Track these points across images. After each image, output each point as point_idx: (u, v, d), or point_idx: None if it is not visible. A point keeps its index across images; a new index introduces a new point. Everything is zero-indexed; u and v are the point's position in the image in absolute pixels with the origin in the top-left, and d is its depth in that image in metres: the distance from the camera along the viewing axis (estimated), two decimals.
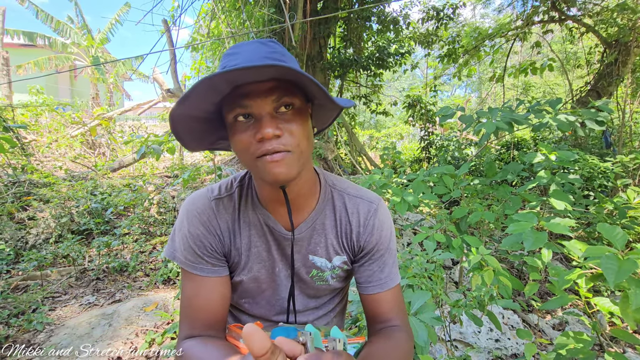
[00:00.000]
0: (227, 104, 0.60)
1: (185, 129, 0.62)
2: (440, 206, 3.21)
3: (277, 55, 0.62)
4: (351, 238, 0.78)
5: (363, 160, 7.15)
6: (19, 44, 12.58)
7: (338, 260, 0.79)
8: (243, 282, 0.77)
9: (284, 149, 0.59)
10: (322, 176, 0.79)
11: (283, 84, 0.59)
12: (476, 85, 18.03)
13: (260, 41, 0.64)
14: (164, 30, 5.17)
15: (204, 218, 0.72)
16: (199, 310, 0.70)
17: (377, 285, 0.77)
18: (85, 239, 3.82)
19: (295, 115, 0.61)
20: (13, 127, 3.93)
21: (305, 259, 0.77)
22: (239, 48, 0.62)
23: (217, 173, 3.35)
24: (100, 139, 7.70)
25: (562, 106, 4.68)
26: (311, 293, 0.82)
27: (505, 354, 2.02)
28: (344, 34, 6.62)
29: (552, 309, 2.56)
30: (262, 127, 0.57)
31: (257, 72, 0.52)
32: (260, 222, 0.75)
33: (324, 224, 0.77)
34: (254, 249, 0.75)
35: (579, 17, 5.57)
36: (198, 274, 0.71)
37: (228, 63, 0.60)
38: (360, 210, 0.77)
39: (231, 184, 0.77)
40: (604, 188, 3.84)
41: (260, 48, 0.62)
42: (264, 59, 0.60)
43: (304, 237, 0.76)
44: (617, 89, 5.34)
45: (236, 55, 0.61)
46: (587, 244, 1.17)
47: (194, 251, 0.71)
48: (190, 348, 0.67)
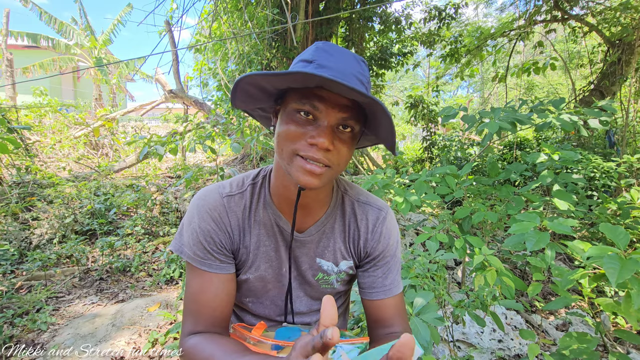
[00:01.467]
0: (299, 95, 0.61)
1: (246, 89, 0.64)
2: (442, 206, 3.21)
3: (365, 79, 0.64)
4: (358, 244, 0.79)
5: (365, 160, 7.14)
6: (23, 45, 12.66)
7: (344, 265, 0.79)
8: (249, 280, 0.77)
9: (327, 164, 0.60)
10: (336, 181, 0.80)
11: (357, 107, 0.61)
12: (478, 85, 17.98)
13: (354, 56, 0.64)
14: (167, 30, 5.19)
15: (215, 214, 0.72)
16: (204, 306, 0.70)
17: (381, 292, 0.78)
18: (89, 239, 3.84)
19: (350, 139, 0.63)
20: (17, 129, 3.96)
21: (313, 261, 0.78)
22: (334, 50, 0.63)
23: (220, 173, 3.36)
24: (103, 139, 7.74)
25: (565, 106, 4.66)
26: (315, 295, 0.82)
27: (509, 355, 2.01)
28: (346, 35, 6.63)
29: (556, 310, 2.55)
30: (321, 135, 0.58)
31: (355, 94, 0.54)
32: (271, 221, 0.75)
33: (333, 228, 0.78)
34: (263, 247, 0.75)
35: (582, 16, 5.54)
36: (205, 270, 0.71)
37: (323, 61, 0.60)
38: (369, 217, 0.78)
39: (243, 182, 0.77)
40: (608, 188, 3.82)
41: (354, 64, 0.63)
42: (354, 78, 0.61)
43: (313, 239, 0.77)
44: (621, 89, 5.31)
45: (331, 57, 0.61)
46: (590, 244, 1.17)
47: (204, 247, 0.71)
48: (196, 344, 0.66)
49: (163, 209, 4.39)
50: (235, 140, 3.01)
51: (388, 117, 0.56)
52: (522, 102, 2.15)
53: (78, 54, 12.54)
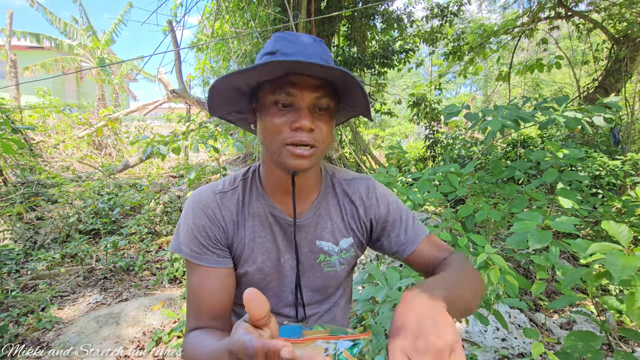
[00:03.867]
0: (272, 87, 0.64)
1: (222, 92, 0.67)
2: (445, 205, 3.20)
3: (328, 58, 0.68)
4: (359, 217, 0.82)
5: (367, 159, 7.12)
6: (27, 46, 12.73)
7: (345, 243, 0.82)
8: (248, 273, 0.78)
9: (313, 143, 0.64)
10: (323, 166, 0.84)
11: (328, 85, 0.65)
12: (481, 83, 17.88)
13: (314, 38, 0.68)
14: (169, 29, 5.20)
15: (208, 211, 0.74)
16: (204, 301, 0.72)
17: (411, 244, 0.80)
18: (93, 238, 3.86)
19: (328, 116, 0.67)
20: (21, 129, 3.98)
21: (312, 245, 0.80)
22: (295, 37, 0.67)
23: (222, 173, 3.37)
24: (106, 139, 7.77)
25: (569, 103, 4.62)
26: (317, 284, 0.83)
27: (512, 354, 2.01)
28: (348, 33, 6.60)
29: (560, 308, 2.53)
30: (301, 118, 0.62)
31: (321, 70, 0.58)
32: (265, 212, 0.78)
33: (328, 209, 0.81)
34: (259, 239, 0.77)
35: (587, 13, 5.49)
36: (202, 265, 0.73)
37: (284, 48, 0.64)
38: (360, 189, 0.83)
39: (234, 179, 0.81)
40: (613, 186, 3.79)
41: (315, 46, 0.67)
42: (319, 58, 0.65)
43: (310, 223, 0.79)
44: (626, 86, 5.27)
45: (293, 44, 0.65)
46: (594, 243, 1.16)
47: (199, 241, 0.73)
48: (192, 339, 0.68)
49: (166, 209, 4.41)
50: (237, 140, 3.02)
51: (359, 85, 0.60)
52: (525, 99, 2.13)
53: (81, 54, 12.59)
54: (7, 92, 8.34)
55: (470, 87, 20.95)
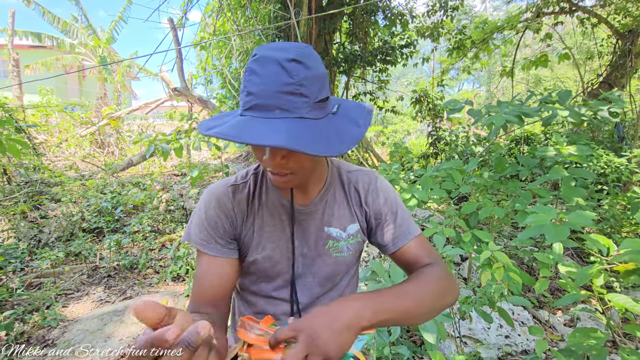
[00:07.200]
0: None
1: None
2: (448, 202, 3.18)
3: (294, 85, 0.58)
4: (361, 205, 0.86)
5: (370, 156, 7.11)
6: (28, 45, 12.76)
7: (352, 229, 0.85)
8: (257, 261, 0.81)
9: (288, 172, 0.67)
10: (328, 159, 0.87)
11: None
12: (484, 79, 17.77)
13: (280, 61, 0.58)
14: (170, 27, 5.19)
15: (220, 202, 0.80)
16: (205, 288, 0.76)
17: (402, 238, 0.83)
18: (96, 237, 3.88)
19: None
20: (25, 128, 4.00)
21: (321, 231, 0.83)
22: (260, 65, 0.59)
23: (225, 171, 3.37)
24: (109, 138, 7.80)
25: (573, 99, 4.58)
26: (327, 271, 0.85)
27: (516, 350, 2.00)
28: (350, 30, 6.56)
29: (564, 305, 2.52)
30: (266, 163, 0.64)
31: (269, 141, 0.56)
32: (275, 203, 0.82)
33: (335, 196, 0.85)
34: (267, 227, 0.81)
35: (591, 7, 5.43)
36: (208, 253, 0.77)
37: (251, 87, 0.59)
38: (364, 179, 0.87)
39: (247, 173, 0.85)
40: (618, 182, 3.76)
41: (280, 74, 0.58)
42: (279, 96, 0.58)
43: (318, 209, 0.83)
44: (630, 81, 5.21)
45: (257, 78, 0.59)
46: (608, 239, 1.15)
47: (207, 230, 0.77)
48: None
49: (169, 207, 4.42)
50: None
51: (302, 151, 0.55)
52: (529, 94, 2.11)
53: (82, 53, 12.61)
54: (10, 92, 8.38)
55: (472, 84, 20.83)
